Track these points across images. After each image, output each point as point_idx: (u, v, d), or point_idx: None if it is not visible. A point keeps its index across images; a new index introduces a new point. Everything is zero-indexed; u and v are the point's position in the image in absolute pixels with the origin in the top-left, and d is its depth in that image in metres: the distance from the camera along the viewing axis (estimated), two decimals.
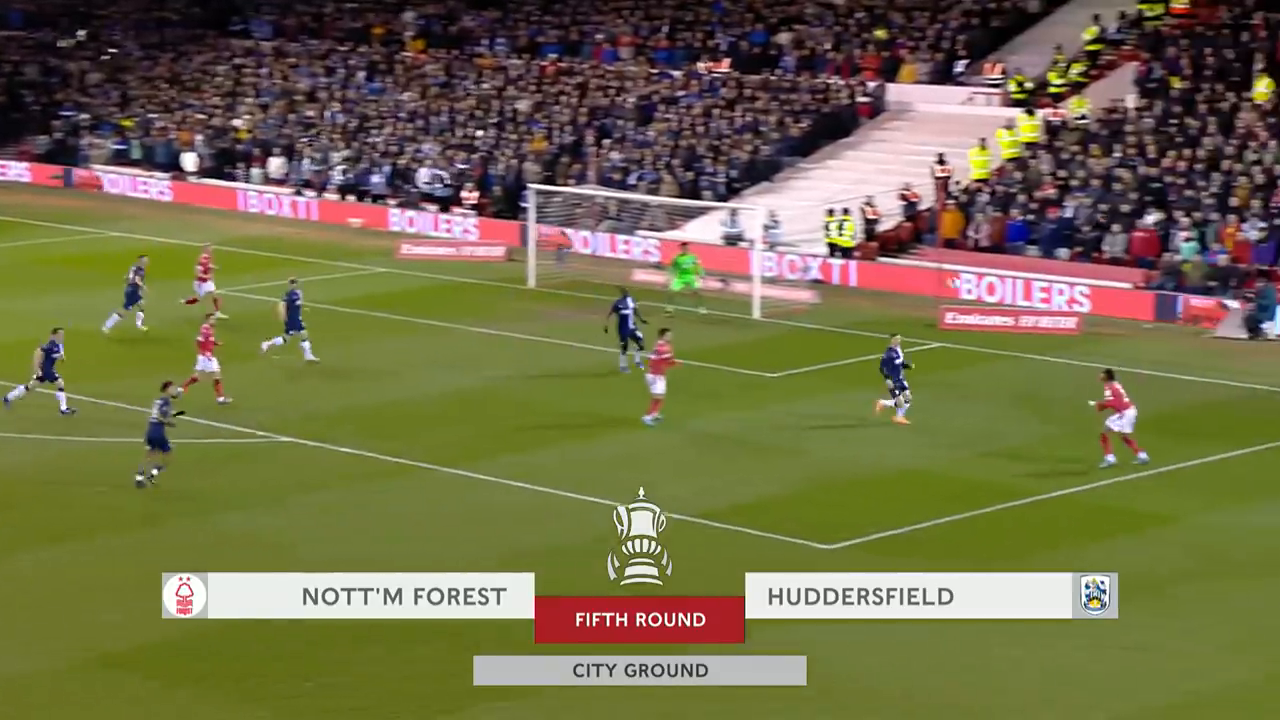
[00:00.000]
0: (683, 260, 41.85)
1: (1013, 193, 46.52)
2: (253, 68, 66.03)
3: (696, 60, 57.45)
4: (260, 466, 30.16)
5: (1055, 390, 35.37)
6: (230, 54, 67.69)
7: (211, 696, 20.78)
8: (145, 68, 68.53)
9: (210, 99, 64.51)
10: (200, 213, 57.85)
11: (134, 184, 61.54)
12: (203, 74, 66.80)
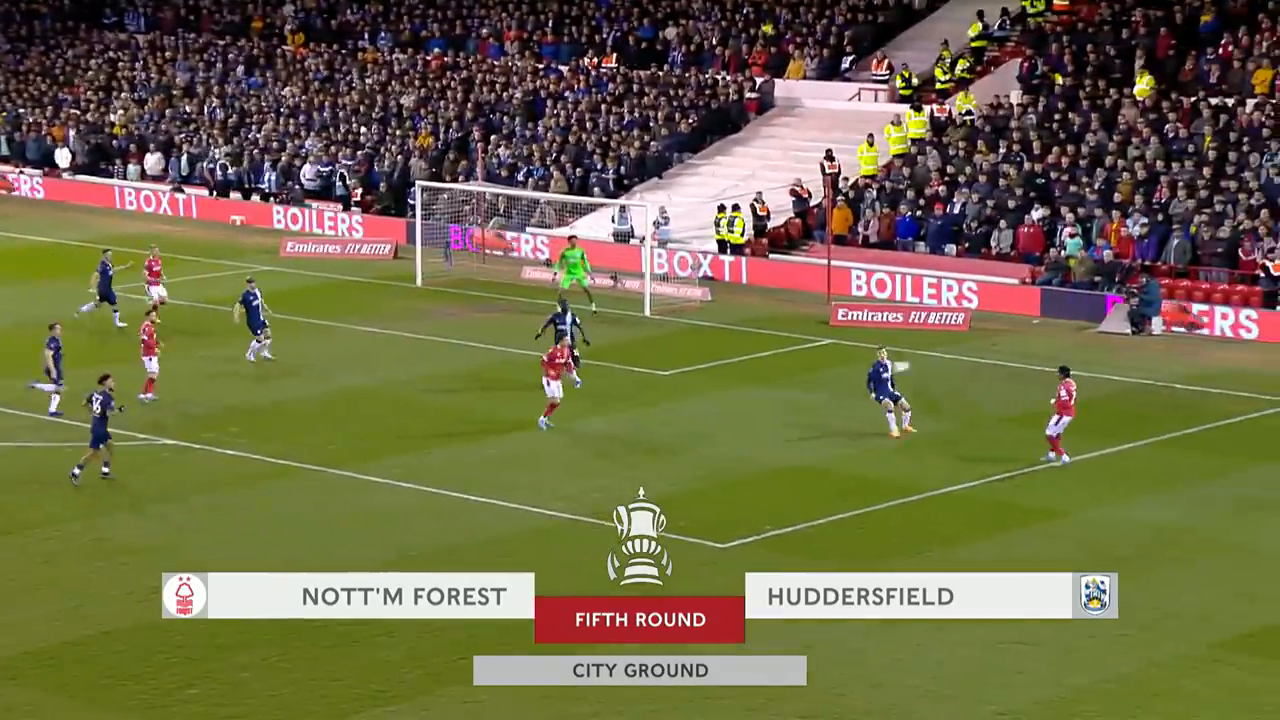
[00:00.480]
0: (570, 254, 41.88)
1: (901, 189, 47.12)
2: (128, 61, 65.07)
3: (583, 55, 57.53)
4: (143, 470, 29.78)
5: (945, 386, 35.89)
6: (104, 47, 66.64)
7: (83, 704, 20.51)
8: (14, 61, 67.25)
9: (84, 93, 63.49)
10: (75, 210, 56.94)
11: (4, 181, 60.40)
12: (75, 68, 65.71)
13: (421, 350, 38.62)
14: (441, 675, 21.31)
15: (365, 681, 21.19)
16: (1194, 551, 26.06)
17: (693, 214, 48.98)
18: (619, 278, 45.18)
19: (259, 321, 36.19)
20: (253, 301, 36.23)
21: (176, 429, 31.89)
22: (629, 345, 39.43)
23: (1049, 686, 21.14)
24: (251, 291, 36.42)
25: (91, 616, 23.25)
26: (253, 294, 36.36)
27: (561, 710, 20.42)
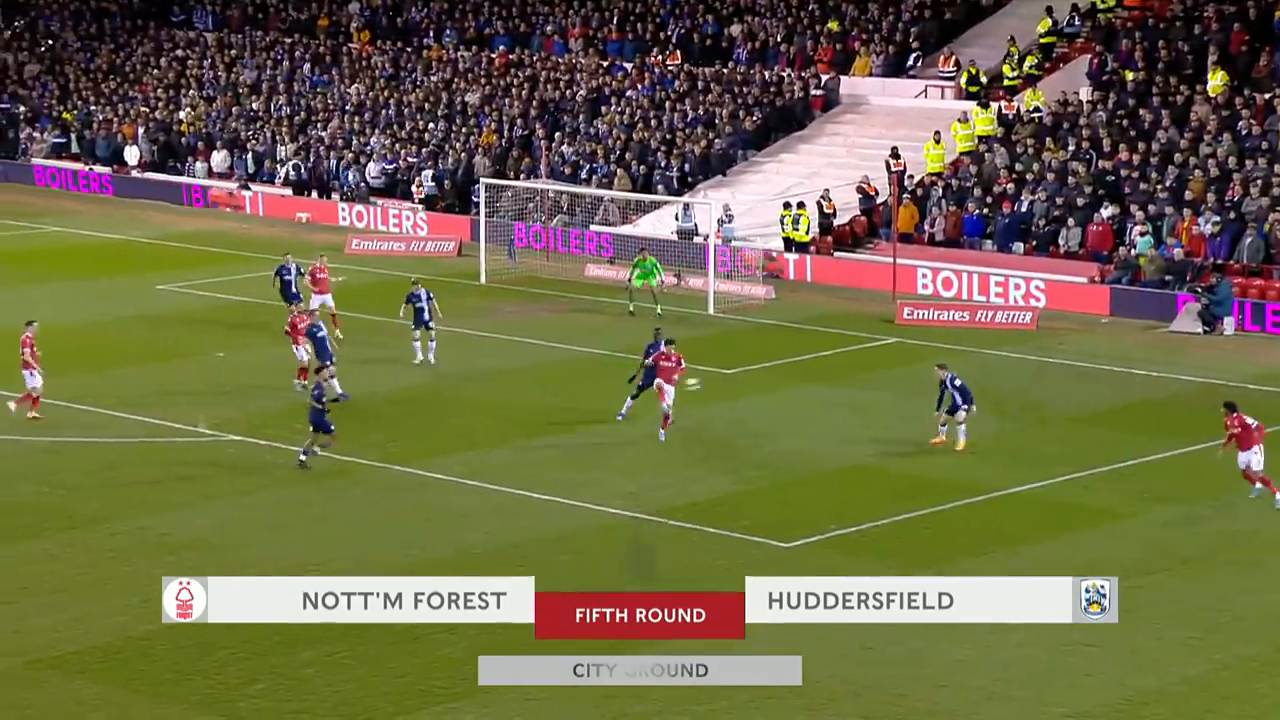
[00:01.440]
0: (642, 264, 42.17)
1: (968, 187, 46.88)
2: (196, 59, 65.72)
3: (647, 52, 57.58)
4: (208, 466, 30.09)
5: (1011, 385, 35.70)
6: (173, 45, 67.33)
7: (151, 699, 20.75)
8: (84, 59, 68.08)
9: (152, 91, 64.17)
10: (143, 207, 57.56)
11: (75, 178, 61.17)
12: (144, 66, 66.44)
13: (485, 347, 38.79)
14: None
15: (428, 678, 21.33)
16: (1261, 553, 25.80)
17: (757, 211, 48.93)
18: (682, 275, 45.21)
19: (423, 321, 36.11)
20: (417, 304, 36.14)
21: (243, 425, 32.18)
22: (692, 343, 39.32)
23: (1115, 689, 21.01)
24: (416, 293, 36.27)
25: (157, 612, 23.47)
26: (417, 294, 36.21)
27: (621, 709, 20.46)
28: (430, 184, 53.37)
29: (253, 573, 24.81)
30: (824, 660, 21.81)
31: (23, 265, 48.26)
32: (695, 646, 18.56)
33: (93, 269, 48.12)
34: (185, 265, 47.80)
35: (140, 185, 59.79)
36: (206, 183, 58.72)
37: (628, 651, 18.54)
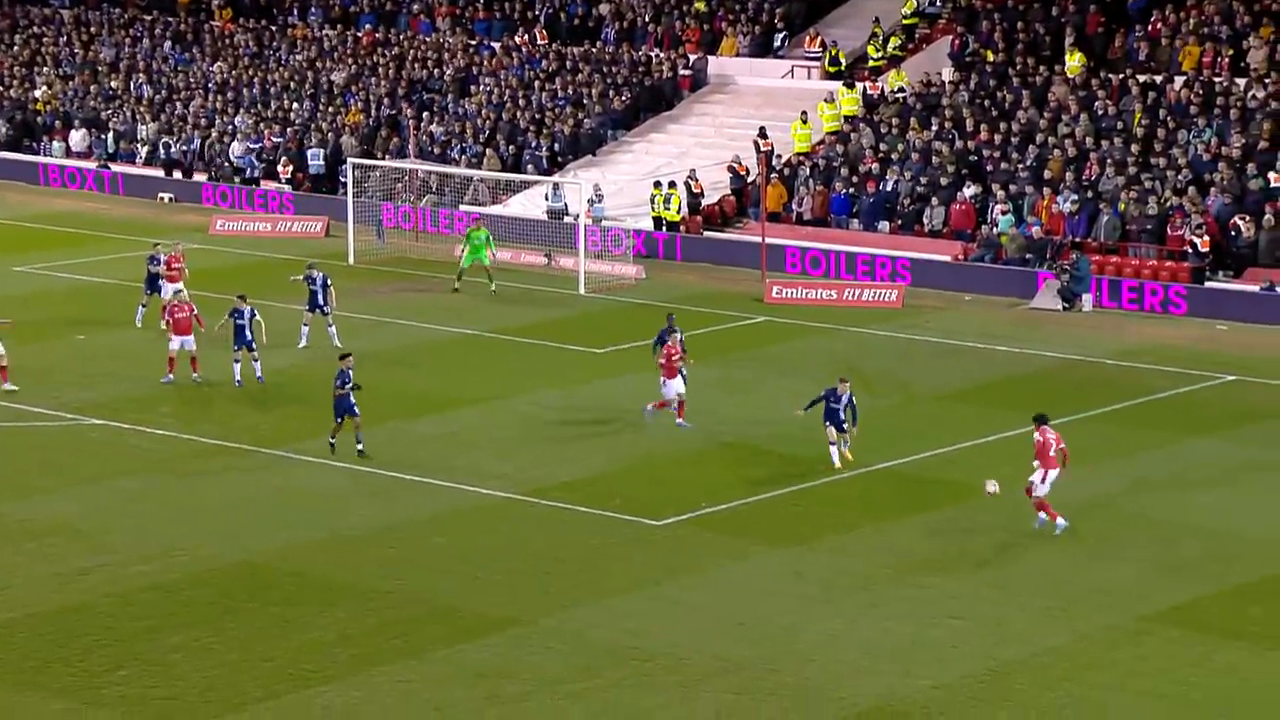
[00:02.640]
0: (475, 235, 41.97)
1: (835, 166, 47.31)
2: (51, 36, 64.27)
3: (515, 32, 57.35)
4: (71, 450, 29.53)
5: (878, 362, 36.13)
6: (28, 22, 65.77)
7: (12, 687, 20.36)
8: None
9: (7, 69, 62.65)
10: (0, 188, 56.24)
11: None
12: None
13: (354, 329, 38.42)
14: (373, 656, 21.30)
15: (297, 662, 21.15)
16: (1123, 525, 26.38)
17: (627, 191, 48.99)
18: (553, 255, 45.17)
19: (318, 304, 35.62)
20: (311, 285, 35.66)
21: (105, 409, 31.62)
22: (563, 323, 39.43)
23: (981, 660, 21.38)
24: (311, 275, 35.82)
25: (17, 598, 23.06)
26: (312, 276, 35.76)
27: (493, 689, 20.46)
28: (318, 163, 52.63)
29: (119, 558, 24.44)
30: (697, 636, 21.97)
31: None
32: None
33: None
34: (43, 246, 46.78)
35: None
36: (64, 162, 57.49)
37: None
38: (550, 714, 19.87)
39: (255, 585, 23.58)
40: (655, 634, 22.02)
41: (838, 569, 24.45)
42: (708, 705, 20.11)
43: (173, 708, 19.94)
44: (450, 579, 23.92)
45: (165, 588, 23.42)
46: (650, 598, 23.30)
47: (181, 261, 37.48)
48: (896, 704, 20.22)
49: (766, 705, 20.15)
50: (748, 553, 25.02)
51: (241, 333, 33.11)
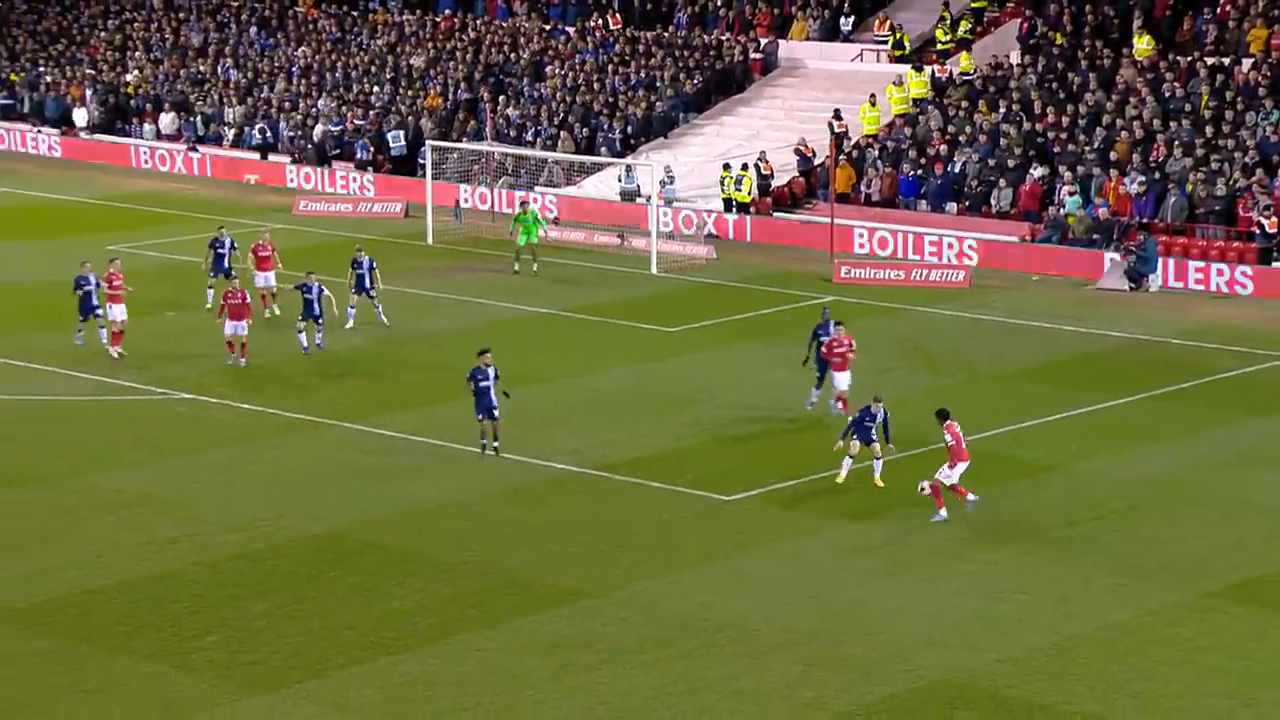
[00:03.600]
0: (524, 217, 42.08)
1: (903, 148, 47.01)
2: (143, 22, 64.90)
3: (589, 16, 57.31)
4: (160, 424, 29.87)
5: (944, 342, 35.90)
6: (120, 8, 66.45)
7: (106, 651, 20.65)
8: (31, 21, 67.08)
9: (100, 54, 63.35)
10: (92, 169, 56.89)
11: (23, 139, 60.36)
12: (91, 28, 65.55)
13: (432, 307, 38.64)
14: (450, 625, 21.43)
15: (377, 630, 21.32)
16: (1187, 503, 26.11)
17: (698, 173, 48.90)
18: (625, 236, 45.18)
19: (364, 287, 35.38)
20: (359, 270, 35.42)
21: (192, 383, 31.95)
22: (635, 302, 39.44)
23: (1045, 634, 21.24)
24: (358, 259, 35.58)
25: (111, 566, 23.38)
26: (359, 260, 35.53)
27: (567, 658, 20.54)
28: (399, 145, 52.80)
29: (206, 528, 24.73)
30: (766, 609, 21.96)
31: None
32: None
33: (42, 230, 47.57)
34: (134, 226, 47.29)
35: (89, 147, 59.07)
36: (154, 144, 58.07)
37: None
38: (623, 683, 19.93)
39: (336, 555, 23.78)
40: (725, 606, 22.02)
41: (904, 544, 24.34)
42: (777, 676, 20.10)
43: (258, 672, 20.15)
44: (524, 551, 24.02)
45: (250, 557, 23.66)
46: (720, 571, 23.30)
47: (271, 249, 37.08)
48: (963, 676, 20.13)
49: (834, 676, 20.11)
50: (816, 528, 24.96)
51: (310, 306, 33.53)
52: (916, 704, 19.49)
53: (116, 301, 33.91)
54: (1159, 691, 19.82)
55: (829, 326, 30.09)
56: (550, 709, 19.32)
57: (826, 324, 30.25)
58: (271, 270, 36.57)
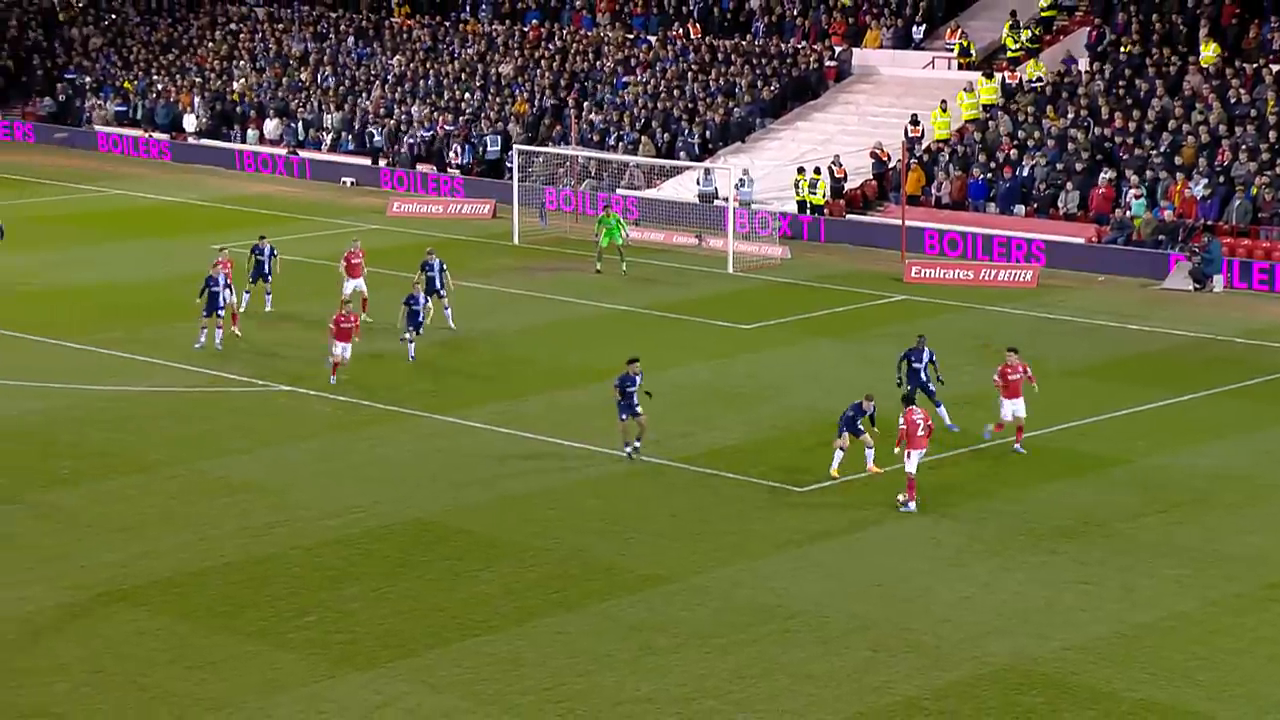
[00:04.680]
0: (607, 219, 42.08)
1: (973, 153, 46.62)
2: (248, 33, 65.61)
3: (670, 26, 57.29)
4: (261, 414, 30.17)
5: (1012, 340, 35.45)
6: (227, 19, 67.22)
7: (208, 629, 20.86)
8: (145, 32, 68.04)
9: (208, 63, 64.11)
10: (199, 172, 57.59)
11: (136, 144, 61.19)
12: (200, 38, 66.36)
13: (517, 304, 38.75)
14: (534, 609, 21.47)
15: (465, 612, 21.40)
16: (1250, 497, 25.68)
17: (773, 176, 48.73)
18: (703, 236, 45.11)
19: (435, 289, 34.88)
20: (429, 271, 35.14)
21: (292, 376, 32.23)
22: (713, 300, 39.36)
23: (1111, 624, 20.96)
24: (429, 261, 35.29)
25: (214, 549, 23.63)
26: (430, 263, 35.23)
27: (646, 642, 20.51)
28: (495, 149, 52.94)
29: (304, 513, 24.94)
30: (837, 596, 21.83)
31: (87, 226, 48.38)
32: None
33: (153, 230, 48.21)
34: (238, 226, 47.78)
35: (196, 151, 59.81)
36: (257, 149, 58.68)
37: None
38: (699, 666, 19.88)
39: (426, 541, 23.90)
40: (797, 593, 21.91)
41: (972, 535, 24.11)
42: (846, 661, 19.97)
43: (352, 651, 20.28)
44: (605, 539, 24.02)
45: (345, 542, 23.82)
46: (792, 559, 23.19)
47: (361, 256, 36.59)
48: (1029, 664, 19.91)
49: (903, 661, 19.96)
50: (885, 519, 24.79)
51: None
52: (982, 689, 19.29)
53: (355, 276, 35.63)
54: (1222, 680, 19.51)
55: (921, 353, 28.68)
56: (629, 689, 19.30)
57: (920, 350, 28.82)
58: (361, 278, 36.22)
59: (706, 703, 18.98)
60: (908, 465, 24.88)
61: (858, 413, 26.23)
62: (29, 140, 63.14)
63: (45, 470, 26.81)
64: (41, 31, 68.96)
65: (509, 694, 19.23)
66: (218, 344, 33.62)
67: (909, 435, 24.81)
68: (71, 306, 37.88)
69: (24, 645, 19.96)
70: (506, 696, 19.17)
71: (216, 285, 33.58)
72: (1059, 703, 19.01)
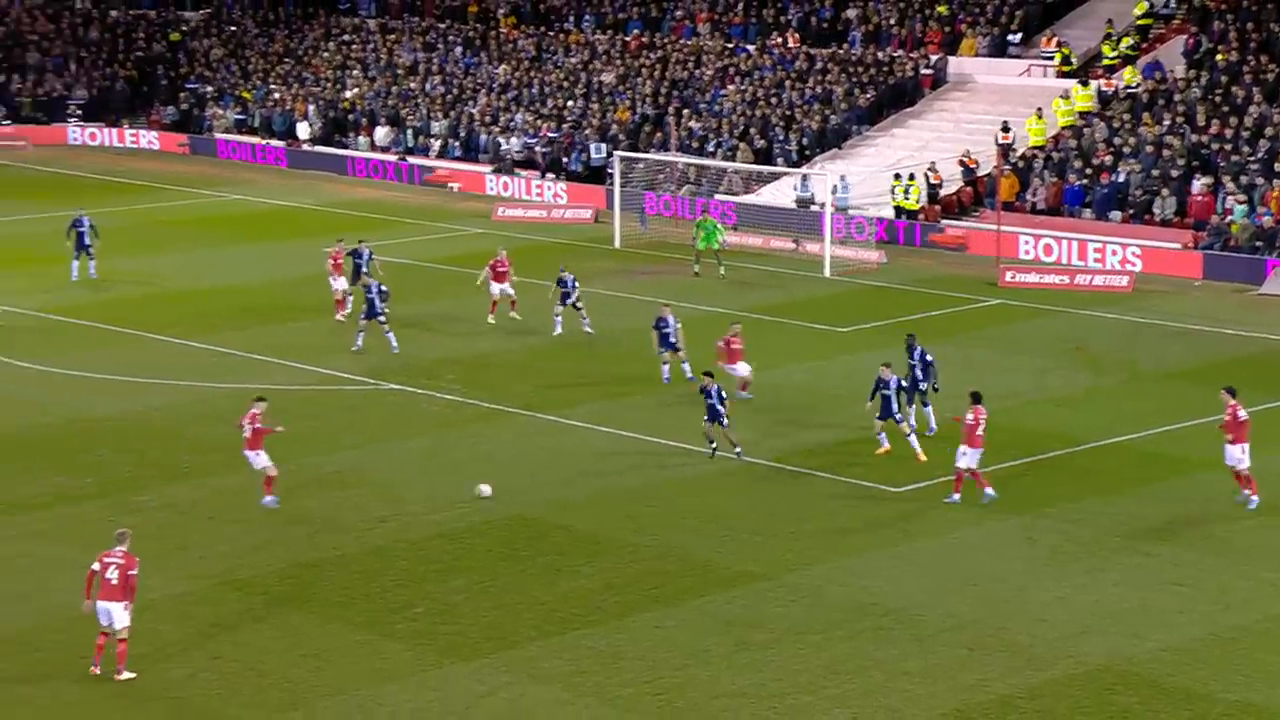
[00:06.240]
0: (705, 224, 41.92)
1: (1068, 159, 46.00)
2: (360, 43, 66.37)
3: (768, 35, 57.13)
4: (371, 411, 30.48)
5: (1107, 344, 35.01)
6: (340, 31, 68.07)
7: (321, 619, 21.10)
8: (263, 44, 69.07)
9: (322, 72, 64.94)
10: (313, 178, 58.33)
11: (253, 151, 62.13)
12: (315, 49, 67.24)
13: (618, 306, 38.80)
14: (633, 603, 21.48)
15: (566, 606, 21.46)
16: None
17: (869, 182, 48.42)
18: (800, 241, 44.91)
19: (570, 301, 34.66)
20: (564, 287, 34.77)
21: (401, 375, 32.53)
22: (809, 303, 39.17)
23: (1204, 625, 20.59)
24: (563, 278, 34.84)
25: (327, 541, 23.90)
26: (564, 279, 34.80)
27: (742, 637, 20.45)
28: (600, 155, 53.04)
29: (412, 508, 25.15)
30: (932, 595, 21.62)
31: (207, 230, 49.17)
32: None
33: (269, 233, 48.89)
34: (350, 230, 48.28)
35: (310, 157, 60.59)
36: (369, 155, 59.32)
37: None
38: (794, 661, 19.78)
39: (529, 536, 24.00)
40: (891, 591, 21.74)
41: (1067, 536, 23.78)
42: (943, 659, 19.78)
43: (457, 642, 20.41)
44: (701, 536, 23.98)
45: (451, 536, 23.98)
46: (887, 558, 23.01)
47: (507, 265, 36.32)
48: (1125, 664, 19.59)
49: (999, 660, 19.72)
50: (981, 519, 24.51)
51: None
52: (1077, 689, 19.02)
53: (501, 281, 35.63)
54: None
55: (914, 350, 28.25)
56: (725, 683, 19.25)
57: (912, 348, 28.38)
58: (507, 282, 36.20)
59: (802, 698, 18.88)
60: (960, 460, 24.45)
61: (879, 386, 26.10)
62: (153, 148, 64.32)
63: (168, 464, 27.28)
64: (165, 44, 70.25)
65: (608, 686, 19.25)
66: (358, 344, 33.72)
67: (968, 432, 24.43)
68: (194, 307, 38.52)
69: (144, 632, 20.31)
70: (606, 688, 19.20)
71: (371, 293, 33.63)
72: (1154, 703, 18.69)
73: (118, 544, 19.49)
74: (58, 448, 27.84)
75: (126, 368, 32.79)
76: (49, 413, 29.88)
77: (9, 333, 35.55)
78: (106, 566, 19.26)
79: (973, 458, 24.70)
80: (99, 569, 19.27)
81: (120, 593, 19.20)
